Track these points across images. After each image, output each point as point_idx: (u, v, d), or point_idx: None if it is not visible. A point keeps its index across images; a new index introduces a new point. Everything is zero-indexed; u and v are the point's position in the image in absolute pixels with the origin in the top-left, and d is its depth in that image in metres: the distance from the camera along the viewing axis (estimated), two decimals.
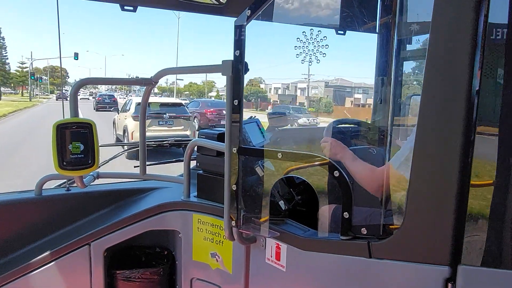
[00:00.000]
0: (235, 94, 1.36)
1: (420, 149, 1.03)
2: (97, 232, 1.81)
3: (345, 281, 1.23)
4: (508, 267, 0.97)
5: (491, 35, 0.94)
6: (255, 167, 1.53)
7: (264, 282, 1.54)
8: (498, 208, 0.97)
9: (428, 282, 1.04)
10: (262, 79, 3.13)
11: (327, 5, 1.81)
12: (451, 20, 0.97)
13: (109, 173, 2.12)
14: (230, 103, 1.37)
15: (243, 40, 1.33)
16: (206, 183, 1.78)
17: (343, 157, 1.42)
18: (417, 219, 1.05)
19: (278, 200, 1.52)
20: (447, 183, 0.99)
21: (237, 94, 1.36)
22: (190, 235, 1.77)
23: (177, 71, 1.97)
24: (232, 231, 1.45)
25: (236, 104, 1.36)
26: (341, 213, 1.22)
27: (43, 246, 1.87)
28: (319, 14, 1.80)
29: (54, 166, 1.54)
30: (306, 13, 1.68)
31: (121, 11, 1.92)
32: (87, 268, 1.82)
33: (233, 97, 1.36)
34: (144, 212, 1.82)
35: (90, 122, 1.59)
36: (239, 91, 1.36)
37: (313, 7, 1.77)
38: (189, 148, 1.81)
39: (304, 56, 1.25)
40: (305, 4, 1.72)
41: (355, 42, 2.17)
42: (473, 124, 0.97)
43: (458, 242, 1.00)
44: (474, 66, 0.95)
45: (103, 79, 8.42)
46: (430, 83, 1.01)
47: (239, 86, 1.36)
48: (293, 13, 1.63)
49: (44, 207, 1.95)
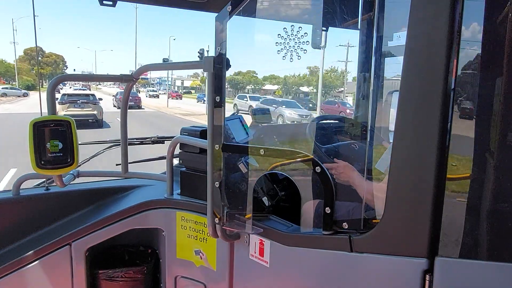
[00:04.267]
0: (216, 90, 1.35)
1: (398, 144, 1.05)
2: (78, 232, 1.77)
3: (328, 275, 1.25)
4: (484, 258, 1.00)
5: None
6: (238, 164, 1.53)
7: (248, 278, 1.54)
8: (474, 200, 1.00)
9: (407, 274, 1.07)
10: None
11: (309, 1, 1.81)
12: (428, 16, 0.98)
13: (90, 171, 2.08)
14: (212, 99, 1.36)
15: (224, 36, 1.33)
16: (189, 181, 1.77)
17: (354, 182, 1.39)
18: (395, 213, 1.07)
19: (261, 197, 1.52)
20: (424, 177, 1.01)
21: (218, 90, 1.35)
22: (174, 233, 1.76)
23: (158, 67, 1.95)
24: (215, 228, 1.45)
25: (218, 100, 1.36)
26: (323, 209, 1.23)
27: (22, 247, 1.83)
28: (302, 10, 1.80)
29: (32, 165, 1.51)
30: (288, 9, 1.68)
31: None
32: (69, 269, 1.78)
33: (215, 93, 1.35)
34: (126, 211, 1.80)
35: (69, 120, 1.56)
36: (221, 87, 1.35)
37: (295, 3, 1.77)
38: (172, 145, 1.79)
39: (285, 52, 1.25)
40: (287, 0, 1.71)
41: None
42: (449, 119, 0.99)
43: (435, 234, 1.02)
44: (450, 62, 0.97)
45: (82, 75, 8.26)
46: (407, 79, 1.02)
47: (221, 82, 1.35)
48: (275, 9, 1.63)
49: (22, 207, 1.90)
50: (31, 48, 75.46)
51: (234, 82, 4.20)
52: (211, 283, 1.70)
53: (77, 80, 18.75)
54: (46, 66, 77.45)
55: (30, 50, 75.10)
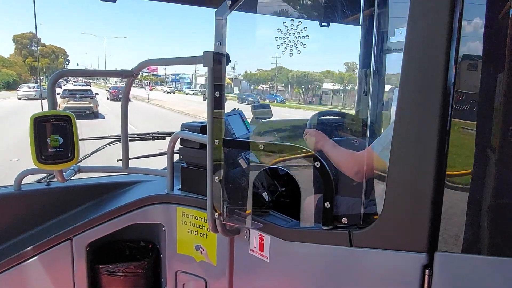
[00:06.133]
0: (216, 85, 1.35)
1: (398, 139, 1.05)
2: (79, 227, 1.78)
3: (327, 270, 1.25)
4: (484, 253, 1.00)
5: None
6: (239, 159, 1.53)
7: (248, 273, 1.55)
8: (474, 195, 0.99)
9: (406, 269, 1.07)
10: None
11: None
12: (428, 11, 0.98)
13: (91, 167, 2.08)
14: (212, 94, 1.36)
15: (224, 31, 1.32)
16: (189, 176, 1.77)
17: (323, 145, 1.44)
18: (395, 208, 1.07)
19: (261, 192, 1.52)
20: (424, 172, 1.01)
21: (218, 85, 1.35)
22: (174, 228, 1.77)
23: (158, 62, 1.94)
24: (215, 224, 1.45)
25: (218, 95, 1.35)
26: (322, 204, 1.24)
27: (23, 241, 1.84)
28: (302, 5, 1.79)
29: (33, 160, 1.51)
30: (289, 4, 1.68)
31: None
32: (69, 263, 1.79)
33: (215, 88, 1.35)
34: (127, 206, 1.80)
35: (69, 115, 1.56)
36: (220, 83, 1.35)
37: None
38: (172, 140, 1.79)
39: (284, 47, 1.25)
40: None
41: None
42: (449, 113, 0.98)
43: (435, 229, 1.02)
44: (450, 57, 0.96)
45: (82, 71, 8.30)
46: (407, 73, 1.02)
47: (220, 78, 1.35)
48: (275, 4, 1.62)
49: (23, 202, 1.91)
50: (22, 35, 61.46)
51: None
52: (211, 278, 1.70)
53: (77, 76, 19.22)
54: (42, 58, 62.87)
55: (21, 37, 61.12)
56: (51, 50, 66.43)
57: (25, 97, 28.70)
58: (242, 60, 1.71)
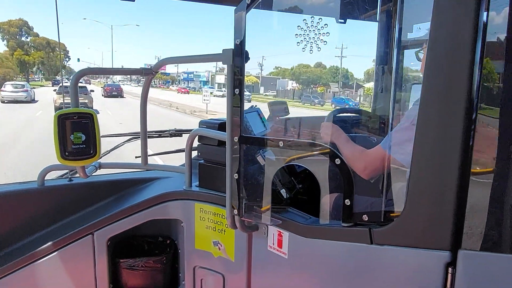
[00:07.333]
0: (236, 83, 1.36)
1: (422, 136, 1.04)
2: (100, 222, 1.82)
3: (347, 267, 1.25)
4: (508, 252, 0.99)
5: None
6: (256, 156, 1.54)
7: (266, 269, 1.56)
8: (498, 193, 0.98)
9: (429, 267, 1.06)
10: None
11: None
12: (453, 5, 0.96)
13: (111, 163, 2.12)
14: (231, 92, 1.37)
15: (243, 29, 1.33)
16: (207, 173, 1.79)
17: (337, 138, 1.43)
18: (418, 205, 1.06)
19: (279, 189, 1.53)
20: (448, 170, 1.00)
21: (238, 83, 1.36)
22: (192, 224, 1.79)
23: (177, 60, 1.96)
24: (234, 220, 1.47)
25: (237, 93, 1.36)
26: (342, 201, 1.23)
27: (46, 236, 1.89)
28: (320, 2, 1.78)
29: (57, 157, 1.55)
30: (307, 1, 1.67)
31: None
32: (91, 257, 1.84)
33: (234, 86, 1.36)
34: (146, 202, 1.83)
35: (91, 112, 1.59)
36: (240, 80, 1.36)
37: None
38: (190, 137, 1.81)
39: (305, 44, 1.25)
40: None
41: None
42: (474, 111, 0.97)
43: (458, 227, 1.01)
44: (476, 53, 0.95)
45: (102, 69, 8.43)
46: (431, 70, 1.01)
47: (240, 75, 1.36)
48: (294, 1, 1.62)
49: (46, 198, 1.96)
50: (10, 22, 51.36)
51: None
52: (229, 274, 1.72)
53: (98, 73, 19.44)
54: (34, 50, 53.99)
55: (7, 24, 50.69)
56: (46, 42, 56.17)
57: (11, 98, 24.02)
58: (271, 56, 1.69)
